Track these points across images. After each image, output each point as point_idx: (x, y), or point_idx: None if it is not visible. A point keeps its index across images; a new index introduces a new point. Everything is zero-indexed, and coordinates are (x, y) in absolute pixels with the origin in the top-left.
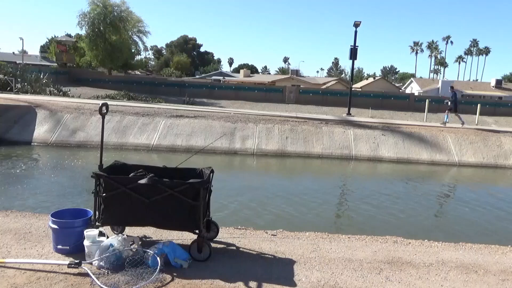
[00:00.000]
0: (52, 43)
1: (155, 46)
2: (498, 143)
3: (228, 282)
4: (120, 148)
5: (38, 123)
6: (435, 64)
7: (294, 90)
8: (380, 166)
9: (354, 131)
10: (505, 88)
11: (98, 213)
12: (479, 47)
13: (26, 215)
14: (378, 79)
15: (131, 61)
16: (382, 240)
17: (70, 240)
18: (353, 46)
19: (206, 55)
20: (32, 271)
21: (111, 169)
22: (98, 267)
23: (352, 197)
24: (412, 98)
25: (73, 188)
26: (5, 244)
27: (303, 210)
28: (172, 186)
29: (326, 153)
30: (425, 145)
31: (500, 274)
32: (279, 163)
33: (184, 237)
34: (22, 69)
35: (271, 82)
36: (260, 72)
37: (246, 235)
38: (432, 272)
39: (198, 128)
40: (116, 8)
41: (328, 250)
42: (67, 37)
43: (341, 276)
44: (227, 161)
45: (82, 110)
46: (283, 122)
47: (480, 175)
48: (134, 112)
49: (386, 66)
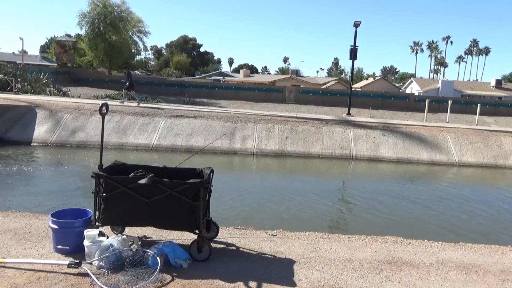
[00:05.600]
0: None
1: (155, 46)
2: (498, 143)
3: (228, 282)
4: (120, 148)
5: (38, 123)
6: (435, 64)
7: (294, 90)
8: (380, 166)
9: (354, 131)
10: (505, 88)
11: (98, 213)
12: (479, 47)
13: (26, 215)
14: (378, 79)
15: (131, 61)
16: (382, 240)
17: (70, 240)
18: (353, 46)
19: (206, 55)
20: (32, 271)
21: (111, 169)
22: (98, 267)
23: (352, 197)
24: (412, 98)
25: (73, 188)
26: (5, 244)
27: (303, 210)
28: (172, 186)
29: (326, 153)
30: (425, 145)
31: (500, 274)
32: (279, 163)
33: (184, 237)
34: (22, 69)
35: (271, 82)
36: (260, 72)
37: (246, 235)
38: (432, 272)
39: (198, 128)
40: (116, 8)
41: (328, 250)
42: (67, 37)
43: (341, 276)
44: (227, 161)
45: (82, 110)
46: (283, 122)
47: (480, 175)
48: (134, 112)
49: (386, 66)
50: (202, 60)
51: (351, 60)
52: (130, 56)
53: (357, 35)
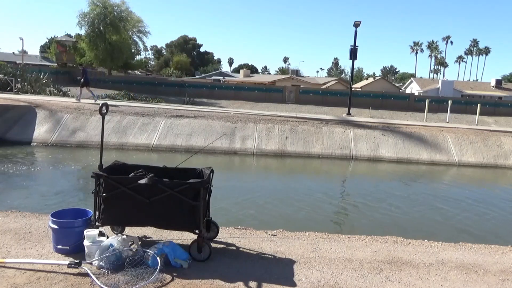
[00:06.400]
0: (52, 43)
1: (155, 46)
2: (498, 143)
3: (228, 282)
4: (120, 148)
5: (38, 123)
6: (435, 64)
7: (294, 90)
8: (380, 166)
9: (354, 131)
10: (505, 88)
11: (98, 213)
12: (479, 47)
13: (26, 215)
14: (378, 79)
15: (131, 61)
16: (382, 240)
17: (70, 240)
18: (353, 46)
19: (206, 55)
20: (32, 271)
21: (111, 169)
22: (98, 267)
23: (352, 197)
24: (412, 98)
25: (73, 188)
26: (5, 244)
27: (303, 210)
28: (172, 186)
29: (326, 153)
30: (425, 145)
31: (500, 274)
32: (279, 163)
33: (184, 237)
34: (22, 69)
35: (271, 82)
36: (260, 72)
37: (246, 235)
38: (432, 272)
39: (198, 128)
40: (116, 8)
41: (328, 250)
42: (67, 37)
43: (341, 276)
44: (227, 161)
45: (82, 110)
46: (283, 122)
47: (480, 175)
48: (134, 112)
49: (386, 66)
50: (202, 60)
51: (351, 60)
52: (130, 56)
53: (357, 35)
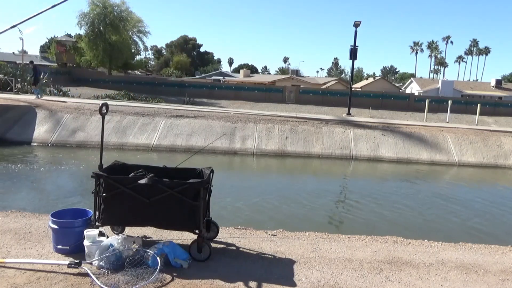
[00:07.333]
0: (52, 43)
1: (155, 46)
2: (498, 143)
3: (228, 282)
4: (120, 148)
5: (38, 123)
6: (435, 64)
7: (294, 90)
8: (380, 166)
9: (354, 131)
10: (505, 88)
11: (98, 213)
12: (479, 47)
13: (26, 215)
14: (378, 79)
15: (131, 61)
16: (382, 240)
17: (70, 240)
18: (353, 46)
19: (206, 55)
20: (32, 271)
21: (111, 169)
22: (98, 267)
23: (352, 197)
24: (412, 98)
25: (73, 188)
26: (5, 244)
27: (303, 210)
28: (172, 186)
29: (326, 153)
30: (425, 145)
31: (500, 274)
32: (279, 163)
33: (184, 237)
34: (22, 69)
35: (271, 82)
36: (260, 72)
37: (246, 235)
38: (432, 272)
39: (198, 128)
40: (116, 8)
41: (328, 250)
42: (67, 37)
43: (341, 276)
44: (227, 161)
45: (82, 110)
46: (283, 122)
47: (480, 175)
48: (134, 112)
49: (386, 66)
50: (202, 60)
51: (351, 60)
52: (130, 56)
53: (357, 35)
